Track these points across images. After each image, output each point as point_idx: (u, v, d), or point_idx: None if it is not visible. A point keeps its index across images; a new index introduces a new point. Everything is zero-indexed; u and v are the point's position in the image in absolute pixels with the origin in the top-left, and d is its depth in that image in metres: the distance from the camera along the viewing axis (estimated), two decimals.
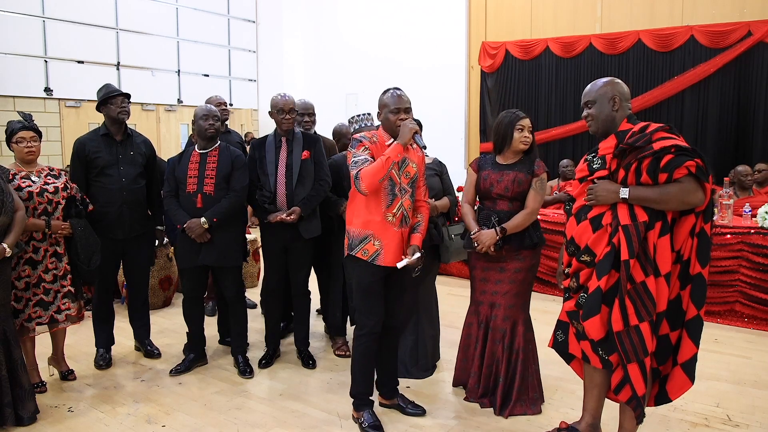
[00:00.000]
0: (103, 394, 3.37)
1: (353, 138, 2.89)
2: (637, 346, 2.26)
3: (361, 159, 2.78)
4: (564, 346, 2.57)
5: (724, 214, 4.74)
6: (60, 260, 3.29)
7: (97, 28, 7.07)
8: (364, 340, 2.92)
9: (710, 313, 4.62)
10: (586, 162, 2.47)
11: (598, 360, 2.41)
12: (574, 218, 2.44)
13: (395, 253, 2.85)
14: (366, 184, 2.72)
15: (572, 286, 2.44)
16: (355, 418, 2.99)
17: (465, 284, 3.27)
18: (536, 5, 7.32)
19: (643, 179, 2.24)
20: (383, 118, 2.90)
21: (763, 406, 3.18)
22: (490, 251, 2.98)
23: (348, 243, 2.90)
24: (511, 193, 2.99)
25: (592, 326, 2.29)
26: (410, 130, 2.78)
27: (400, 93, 2.89)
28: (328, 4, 8.86)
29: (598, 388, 2.56)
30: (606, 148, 2.38)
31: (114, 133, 3.65)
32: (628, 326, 2.26)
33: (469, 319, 3.24)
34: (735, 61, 6.15)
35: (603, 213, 2.35)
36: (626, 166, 2.28)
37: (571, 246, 2.44)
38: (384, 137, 2.90)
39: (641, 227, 2.24)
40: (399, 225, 2.86)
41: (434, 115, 5.61)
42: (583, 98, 2.52)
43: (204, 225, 3.41)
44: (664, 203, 2.22)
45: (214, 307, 4.66)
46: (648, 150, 2.23)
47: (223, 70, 8.58)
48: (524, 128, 3.00)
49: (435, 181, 3.44)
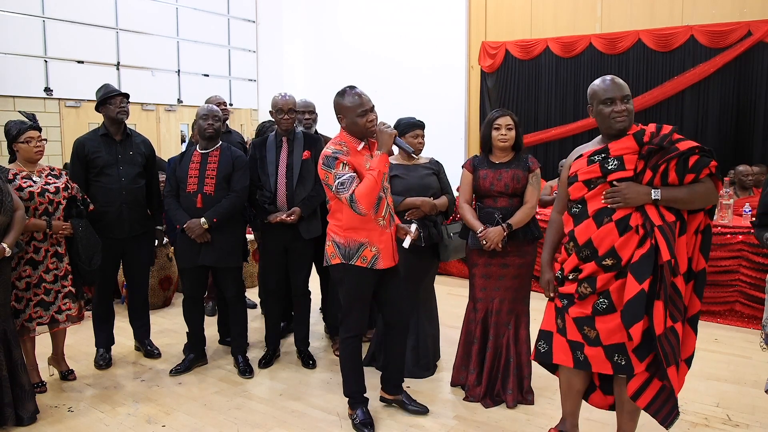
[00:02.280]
0: (103, 394, 3.38)
1: (326, 156, 2.72)
2: (674, 347, 2.24)
3: (348, 178, 2.65)
4: (548, 357, 2.48)
5: (724, 214, 4.74)
6: (61, 260, 3.29)
7: (97, 28, 7.05)
8: (350, 342, 2.93)
9: (710, 313, 4.62)
10: (593, 163, 2.34)
11: (611, 366, 2.32)
12: (593, 221, 2.32)
13: (391, 254, 2.87)
14: (364, 204, 2.63)
15: (583, 292, 2.34)
16: (350, 415, 3.01)
17: (465, 284, 3.28)
18: (536, 5, 7.31)
19: (671, 180, 2.24)
20: (349, 122, 2.76)
21: (763, 406, 3.18)
22: (498, 248, 3.01)
23: (340, 253, 2.81)
24: (511, 189, 3.07)
25: (636, 331, 2.19)
26: (390, 136, 2.70)
27: (360, 92, 2.76)
28: (328, 4, 8.85)
29: (579, 394, 2.57)
30: (622, 149, 2.29)
31: (113, 133, 3.65)
32: (665, 328, 2.21)
33: (469, 316, 3.27)
34: (735, 61, 6.14)
35: (629, 215, 2.26)
36: (654, 167, 2.25)
37: (586, 249, 2.33)
38: (352, 142, 2.79)
39: (672, 227, 2.23)
40: (389, 225, 2.87)
41: (434, 114, 5.59)
42: (619, 91, 2.33)
43: (204, 225, 3.41)
44: (691, 203, 2.26)
45: (214, 307, 4.66)
46: (674, 151, 2.22)
47: (223, 70, 8.57)
48: (501, 126, 3.08)
49: (433, 180, 3.44)
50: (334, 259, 2.85)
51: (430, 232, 3.34)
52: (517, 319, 3.19)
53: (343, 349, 2.97)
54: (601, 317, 2.31)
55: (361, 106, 2.73)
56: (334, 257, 2.85)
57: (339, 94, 2.80)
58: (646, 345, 2.24)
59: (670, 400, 2.29)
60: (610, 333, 2.29)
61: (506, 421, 3.02)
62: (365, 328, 2.99)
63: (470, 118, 7.87)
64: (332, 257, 2.86)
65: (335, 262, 2.85)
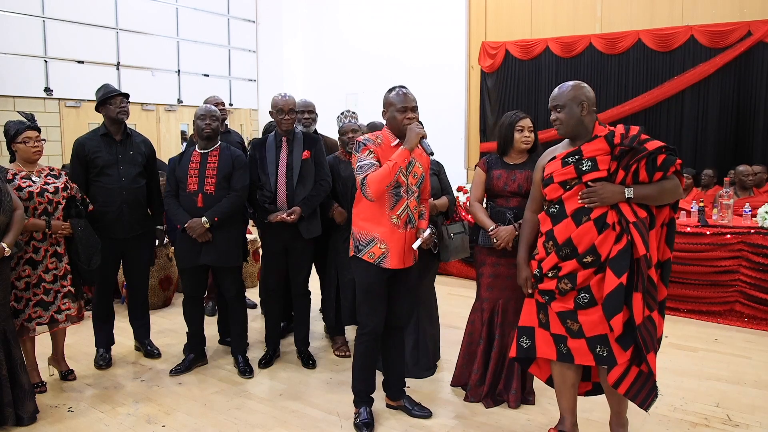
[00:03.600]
0: (103, 394, 3.37)
1: (357, 141, 2.86)
2: (652, 335, 2.38)
3: (367, 163, 2.75)
4: (531, 351, 2.58)
5: (724, 214, 4.74)
6: (60, 260, 3.29)
7: (97, 28, 7.05)
8: (365, 339, 2.93)
9: (710, 313, 4.62)
10: (567, 164, 2.46)
11: (593, 358, 2.43)
12: (571, 220, 2.44)
13: (401, 256, 2.86)
14: (373, 190, 2.70)
15: (564, 288, 2.45)
16: (354, 413, 3.01)
17: (465, 284, 3.29)
18: (536, 5, 7.31)
19: (642, 178, 2.39)
20: (389, 116, 2.87)
21: (763, 406, 3.18)
22: (508, 247, 3.02)
23: (354, 245, 2.89)
24: (524, 190, 3.08)
25: (617, 323, 2.32)
26: (417, 135, 2.76)
27: (406, 91, 2.87)
28: (328, 4, 8.85)
29: (574, 388, 2.63)
30: (594, 150, 2.43)
31: (113, 133, 3.65)
32: (644, 317, 2.34)
33: (473, 316, 3.27)
34: (735, 61, 6.14)
35: (605, 213, 2.40)
36: (626, 166, 2.39)
37: (566, 248, 2.45)
38: (389, 137, 2.88)
39: (645, 222, 2.38)
40: (404, 227, 2.86)
41: (434, 114, 5.60)
42: (551, 102, 2.56)
43: (205, 224, 3.41)
44: (660, 199, 2.42)
45: (214, 307, 4.66)
46: (643, 151, 2.36)
47: (223, 70, 8.57)
48: (524, 128, 3.12)
49: (433, 181, 3.45)
50: (351, 251, 2.93)
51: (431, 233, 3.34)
52: None
53: (356, 346, 2.99)
54: (583, 311, 2.43)
55: (402, 102, 2.83)
56: (351, 249, 2.93)
57: (390, 89, 2.92)
58: (629, 335, 2.37)
59: (648, 383, 2.43)
60: (592, 325, 2.41)
61: (507, 421, 3.02)
62: (380, 326, 2.93)
63: (470, 118, 7.87)
64: (350, 249, 2.94)
65: (350, 254, 2.92)
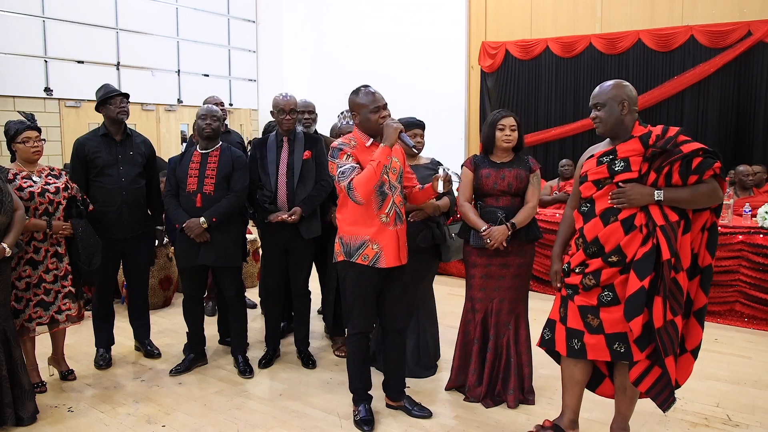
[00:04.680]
0: (103, 394, 3.37)
1: (332, 147, 2.84)
2: (673, 339, 2.35)
3: (348, 167, 2.73)
4: (551, 344, 2.59)
5: (724, 214, 4.73)
6: (61, 260, 3.29)
7: (97, 28, 7.06)
8: (356, 339, 2.96)
9: (710, 313, 4.60)
10: (602, 164, 2.45)
11: (609, 353, 2.43)
12: (599, 220, 2.43)
13: (395, 253, 2.86)
14: (361, 192, 2.68)
15: (588, 284, 2.45)
16: (353, 411, 3.02)
17: (465, 284, 3.28)
18: (536, 5, 7.31)
19: (674, 181, 2.34)
20: (362, 119, 2.84)
21: (763, 406, 3.18)
22: (501, 247, 3.02)
23: (343, 250, 2.87)
24: (514, 189, 3.09)
25: (636, 325, 2.32)
26: (395, 130, 2.75)
27: (374, 90, 2.85)
28: (329, 4, 8.85)
29: (579, 386, 2.63)
30: (628, 151, 2.40)
31: (113, 133, 3.65)
32: (665, 321, 2.32)
33: (467, 317, 3.26)
34: (735, 61, 6.15)
35: (634, 215, 2.38)
36: (658, 168, 2.35)
37: (593, 246, 2.44)
38: (362, 138, 2.86)
39: (675, 226, 2.33)
40: (394, 224, 2.86)
41: (434, 114, 5.59)
42: (592, 99, 2.52)
43: (203, 225, 3.41)
44: (694, 203, 2.35)
45: (214, 307, 4.66)
46: (677, 153, 2.32)
47: (223, 70, 8.57)
48: (506, 127, 3.09)
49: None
50: (339, 256, 2.91)
51: (434, 233, 3.35)
52: (517, 319, 3.19)
53: (348, 345, 3.00)
54: (606, 308, 2.42)
55: (374, 102, 2.81)
56: (339, 254, 2.90)
57: (354, 92, 2.89)
58: (646, 337, 2.35)
59: (668, 386, 2.41)
60: (614, 323, 2.40)
61: (506, 421, 3.02)
62: (371, 325, 3.01)
63: (470, 118, 7.87)
64: (337, 254, 2.92)
65: (339, 259, 2.90)
